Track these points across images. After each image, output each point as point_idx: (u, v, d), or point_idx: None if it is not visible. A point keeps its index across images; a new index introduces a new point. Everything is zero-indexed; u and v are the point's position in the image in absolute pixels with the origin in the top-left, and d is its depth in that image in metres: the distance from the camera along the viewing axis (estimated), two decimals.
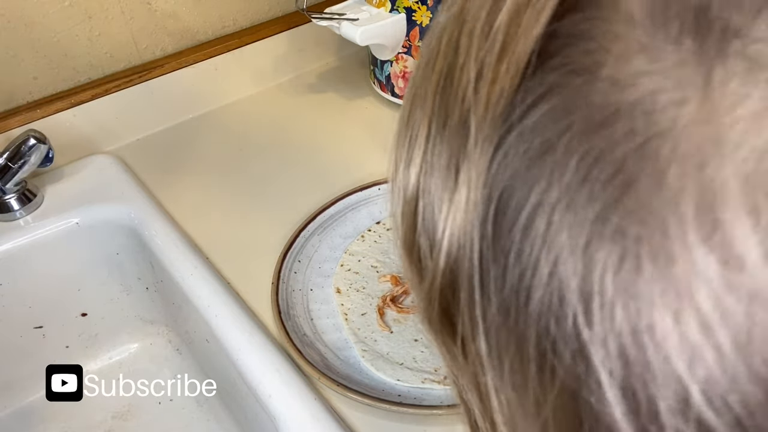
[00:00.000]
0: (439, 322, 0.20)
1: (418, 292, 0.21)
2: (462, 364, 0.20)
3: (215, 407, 0.70)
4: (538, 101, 0.16)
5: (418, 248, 0.20)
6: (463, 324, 0.19)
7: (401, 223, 0.21)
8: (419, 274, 0.21)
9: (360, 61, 0.97)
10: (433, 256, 0.19)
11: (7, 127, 0.73)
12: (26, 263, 0.69)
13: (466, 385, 0.21)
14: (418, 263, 0.20)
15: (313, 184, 0.73)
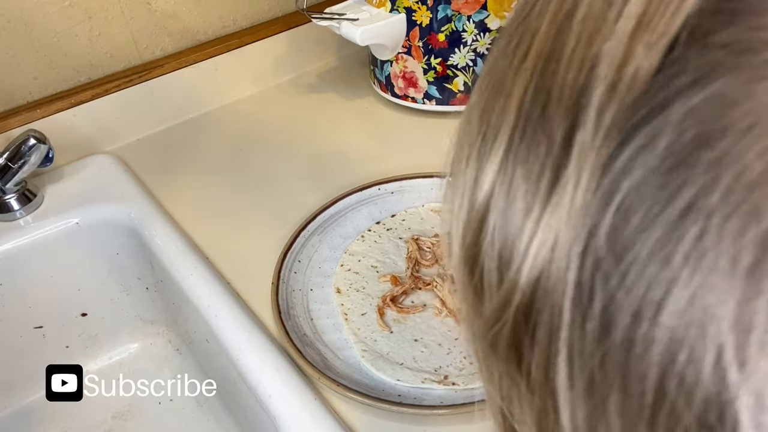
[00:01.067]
0: (505, 346, 0.18)
1: (476, 312, 0.19)
2: (523, 391, 0.18)
3: (215, 407, 0.70)
4: (693, 86, 0.13)
5: (482, 263, 0.18)
6: (535, 350, 0.17)
7: (462, 234, 0.19)
8: (478, 292, 0.19)
9: (360, 61, 0.97)
10: (510, 274, 0.17)
11: (7, 127, 0.73)
12: (26, 263, 0.69)
13: (522, 412, 0.19)
14: (480, 281, 0.18)
15: (313, 184, 0.73)
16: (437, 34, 0.77)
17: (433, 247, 0.64)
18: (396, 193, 0.71)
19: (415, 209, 0.70)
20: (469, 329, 0.20)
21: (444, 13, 0.76)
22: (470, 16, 0.75)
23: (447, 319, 0.58)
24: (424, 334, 0.57)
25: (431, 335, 0.56)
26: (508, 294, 0.17)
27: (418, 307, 0.59)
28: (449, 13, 0.75)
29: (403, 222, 0.68)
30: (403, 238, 0.66)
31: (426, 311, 0.59)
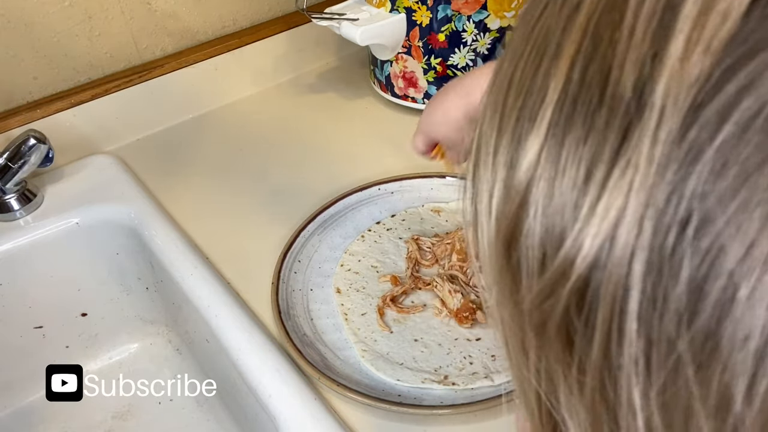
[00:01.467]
0: (555, 326, 0.17)
1: (512, 295, 0.19)
2: (573, 372, 0.18)
3: (215, 407, 0.70)
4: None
5: (523, 244, 0.17)
6: (592, 327, 0.16)
7: (497, 215, 0.18)
8: (516, 275, 0.18)
9: (360, 61, 0.97)
10: (562, 252, 0.16)
11: (7, 127, 0.73)
12: (26, 263, 0.69)
13: (568, 395, 0.18)
14: (518, 263, 0.18)
15: (313, 184, 0.73)
16: (437, 34, 0.77)
17: (433, 247, 0.64)
18: (396, 193, 0.71)
19: (415, 209, 0.70)
20: (502, 312, 0.20)
21: (444, 13, 0.76)
22: (470, 16, 0.75)
23: (447, 319, 0.58)
24: (424, 334, 0.56)
25: (431, 335, 0.56)
26: (560, 273, 0.16)
27: (418, 307, 0.59)
28: (449, 13, 0.75)
29: (403, 222, 0.68)
30: (403, 238, 0.66)
31: (426, 311, 0.59)
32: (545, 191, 0.16)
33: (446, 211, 0.69)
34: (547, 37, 0.17)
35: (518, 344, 0.20)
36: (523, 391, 0.21)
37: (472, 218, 0.20)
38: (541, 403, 0.20)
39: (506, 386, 0.51)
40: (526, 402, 0.21)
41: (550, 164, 0.16)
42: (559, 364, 0.18)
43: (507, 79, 0.19)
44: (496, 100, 0.19)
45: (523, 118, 0.17)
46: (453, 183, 0.70)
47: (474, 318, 0.56)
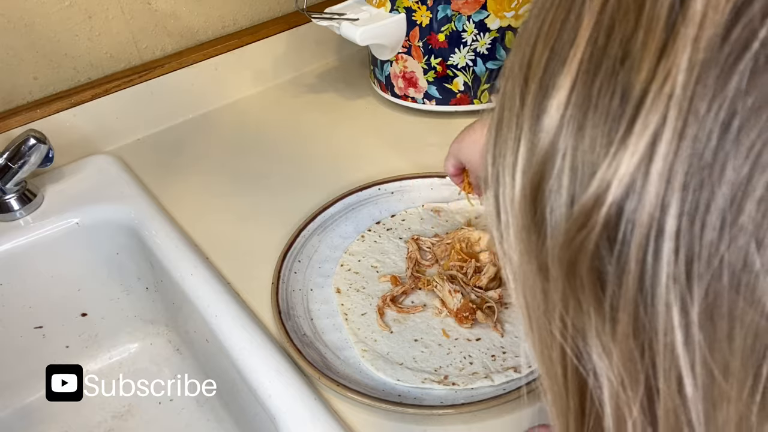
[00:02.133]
0: (587, 270, 0.18)
1: (537, 247, 0.19)
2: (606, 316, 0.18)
3: (215, 407, 0.70)
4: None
5: (549, 194, 0.18)
6: (622, 267, 0.17)
7: (524, 170, 0.19)
8: (540, 227, 0.19)
9: (360, 61, 0.97)
10: (589, 193, 0.17)
11: (7, 127, 0.73)
12: (26, 263, 0.69)
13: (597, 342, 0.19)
14: (542, 216, 0.19)
15: (313, 184, 0.73)
16: (437, 34, 0.77)
17: (433, 247, 0.64)
18: (396, 193, 0.71)
19: (415, 209, 0.70)
20: (525, 270, 0.20)
21: (444, 13, 0.76)
22: (470, 16, 0.75)
23: (447, 319, 0.58)
24: (424, 334, 0.56)
25: (431, 335, 0.56)
26: (592, 205, 0.17)
27: (418, 307, 0.59)
28: (449, 13, 0.75)
29: (403, 222, 0.68)
30: (403, 238, 0.66)
31: (426, 311, 0.59)
32: (575, 130, 0.17)
33: (446, 211, 0.69)
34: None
35: (541, 301, 0.20)
36: (545, 355, 0.22)
37: (494, 183, 0.21)
38: (566, 361, 0.20)
39: (506, 386, 0.51)
40: (549, 368, 0.22)
41: (582, 99, 0.17)
42: (590, 305, 0.18)
43: (533, 34, 0.19)
44: (522, 56, 0.20)
45: (553, 62, 0.18)
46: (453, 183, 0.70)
47: (474, 318, 0.56)
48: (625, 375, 0.18)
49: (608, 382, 0.19)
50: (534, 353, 0.23)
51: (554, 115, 0.18)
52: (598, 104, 0.17)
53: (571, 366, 0.20)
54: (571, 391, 0.21)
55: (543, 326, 0.21)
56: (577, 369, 0.20)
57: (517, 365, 0.52)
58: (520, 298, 0.22)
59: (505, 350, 0.54)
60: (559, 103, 0.18)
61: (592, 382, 0.20)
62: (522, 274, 0.21)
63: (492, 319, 0.56)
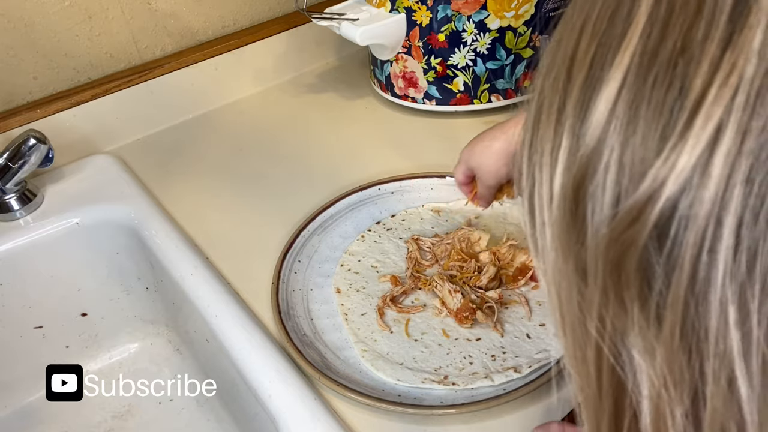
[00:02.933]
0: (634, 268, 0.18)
1: (576, 245, 0.19)
2: (651, 312, 0.18)
3: (215, 407, 0.70)
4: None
5: (592, 192, 0.18)
6: (672, 264, 0.17)
7: (567, 167, 0.19)
8: (581, 227, 0.19)
9: (360, 61, 0.97)
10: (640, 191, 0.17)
11: (7, 127, 0.73)
12: (26, 263, 0.69)
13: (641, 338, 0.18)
14: (584, 214, 0.18)
15: (313, 184, 0.73)
16: (437, 34, 0.77)
17: (433, 247, 0.64)
18: (396, 193, 0.71)
19: (415, 209, 0.70)
20: (562, 268, 0.20)
21: (444, 13, 0.76)
22: (470, 16, 0.75)
23: (447, 319, 0.58)
24: (424, 334, 0.56)
25: (431, 335, 0.56)
26: (644, 202, 0.17)
27: (418, 307, 0.59)
28: (449, 13, 0.75)
29: (403, 222, 0.68)
30: (403, 238, 0.66)
31: (426, 311, 0.59)
32: (625, 124, 0.17)
33: (446, 211, 0.69)
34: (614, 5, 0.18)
35: (577, 299, 0.20)
36: (579, 354, 0.21)
37: (529, 182, 0.21)
38: (602, 361, 0.20)
39: (506, 386, 0.51)
40: (582, 367, 0.21)
41: (634, 93, 0.17)
42: (634, 303, 0.18)
43: (577, 28, 0.19)
44: (564, 51, 0.19)
45: (601, 56, 0.18)
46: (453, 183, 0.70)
47: (474, 318, 0.56)
48: (668, 375, 0.18)
49: (649, 382, 0.19)
50: (566, 353, 0.22)
51: (602, 109, 0.18)
52: (652, 98, 0.17)
53: (607, 365, 0.20)
54: (605, 392, 0.21)
55: (578, 325, 0.21)
56: (614, 368, 0.20)
57: (517, 365, 0.52)
58: (553, 296, 0.22)
59: (505, 350, 0.54)
60: (609, 97, 0.17)
61: (630, 381, 0.19)
62: (557, 273, 0.21)
63: (492, 319, 0.56)
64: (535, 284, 0.60)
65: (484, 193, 0.58)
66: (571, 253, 0.20)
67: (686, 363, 0.17)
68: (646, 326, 0.18)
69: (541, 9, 0.76)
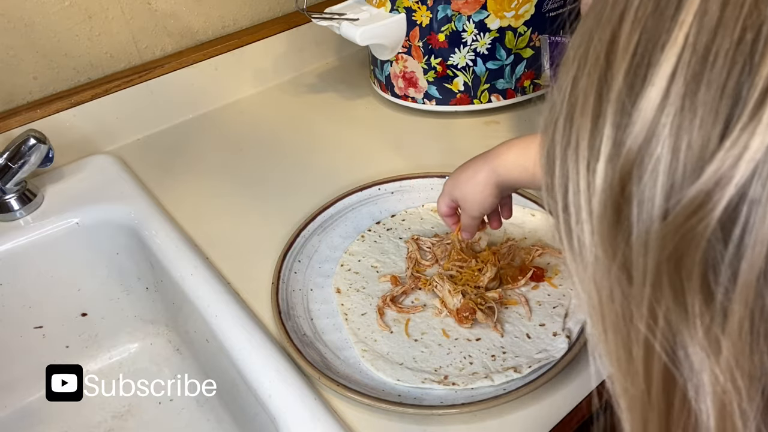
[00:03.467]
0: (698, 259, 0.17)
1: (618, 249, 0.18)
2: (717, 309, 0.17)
3: (215, 407, 0.70)
4: None
5: (641, 186, 0.17)
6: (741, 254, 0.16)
7: (611, 159, 0.18)
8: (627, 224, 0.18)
9: (360, 61, 0.97)
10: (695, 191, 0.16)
11: (7, 127, 0.73)
12: (26, 263, 0.69)
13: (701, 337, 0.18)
14: (629, 210, 0.18)
15: (313, 184, 0.73)
16: (437, 34, 0.77)
17: (433, 247, 0.64)
18: (396, 193, 0.71)
19: (415, 209, 0.70)
20: (602, 261, 0.19)
21: (444, 13, 0.76)
22: (470, 16, 0.75)
23: (447, 319, 0.58)
24: (424, 334, 0.56)
25: (431, 335, 0.56)
26: (702, 202, 0.16)
27: (418, 307, 0.59)
28: (449, 13, 0.75)
29: (403, 222, 0.68)
30: (403, 238, 0.66)
31: (426, 311, 0.59)
32: (680, 109, 0.16)
33: None
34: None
35: (620, 297, 0.19)
36: (623, 355, 0.20)
37: (561, 180, 0.20)
38: (652, 358, 0.19)
39: (506, 386, 0.51)
40: (628, 368, 0.20)
41: (692, 75, 0.16)
42: (695, 296, 0.17)
43: (616, 15, 0.18)
44: (600, 39, 0.19)
45: (648, 40, 0.17)
46: None
47: (474, 318, 0.56)
48: (736, 369, 0.17)
49: (713, 378, 0.18)
50: (608, 354, 0.22)
51: (653, 95, 0.17)
52: (713, 79, 0.16)
53: (657, 362, 0.19)
54: (656, 390, 0.20)
55: (622, 324, 0.20)
56: (665, 365, 0.19)
57: (517, 365, 0.52)
58: (592, 296, 0.21)
59: (505, 350, 0.54)
60: (660, 82, 0.17)
61: (688, 378, 0.19)
62: (597, 271, 0.20)
63: (492, 319, 0.56)
64: (535, 284, 0.60)
65: (469, 224, 0.57)
66: (613, 249, 0.19)
67: (758, 356, 0.17)
68: (710, 320, 0.17)
69: (541, 9, 0.76)
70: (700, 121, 0.16)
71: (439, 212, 0.60)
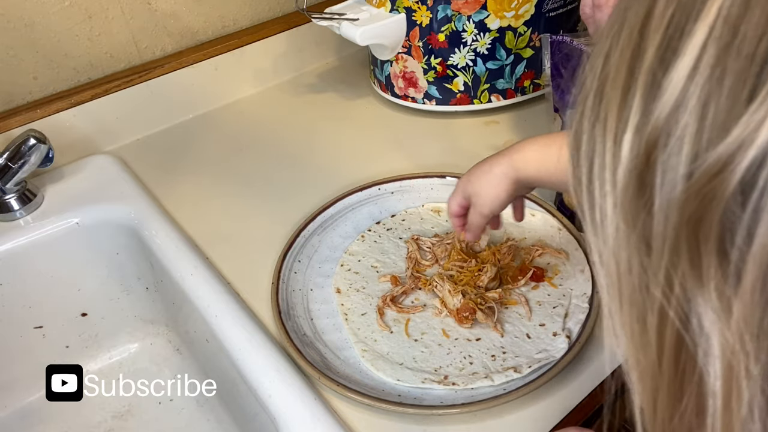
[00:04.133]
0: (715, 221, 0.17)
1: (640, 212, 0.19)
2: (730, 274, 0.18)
3: (215, 407, 0.70)
4: None
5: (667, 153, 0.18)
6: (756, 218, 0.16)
7: (638, 129, 0.19)
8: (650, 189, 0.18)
9: (360, 61, 0.97)
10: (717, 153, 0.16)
11: (7, 127, 0.73)
12: (26, 263, 0.69)
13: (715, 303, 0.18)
14: (653, 175, 0.18)
15: (313, 184, 0.73)
16: (437, 34, 0.77)
17: (433, 247, 0.64)
18: (396, 193, 0.71)
19: (415, 209, 0.70)
20: (622, 229, 0.20)
21: (444, 13, 0.76)
22: (470, 16, 0.75)
23: (447, 319, 0.58)
24: (424, 334, 0.56)
25: (431, 335, 0.56)
26: (724, 164, 0.16)
27: (418, 308, 0.59)
28: (449, 13, 0.75)
29: (403, 222, 0.68)
30: (403, 238, 0.66)
31: (426, 311, 0.59)
32: (710, 77, 0.17)
33: (446, 211, 0.69)
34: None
35: (638, 267, 0.20)
36: (637, 325, 0.21)
37: (588, 152, 0.20)
38: (666, 325, 0.20)
39: (506, 386, 0.51)
40: (641, 338, 0.21)
41: (723, 44, 0.16)
42: (711, 258, 0.18)
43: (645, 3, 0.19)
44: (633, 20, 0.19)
45: (681, 13, 0.18)
46: (453, 183, 0.70)
47: (474, 318, 0.56)
48: (745, 330, 0.18)
49: (722, 340, 0.18)
50: (622, 327, 0.22)
51: (684, 65, 0.17)
52: (743, 49, 0.16)
53: (670, 330, 0.20)
54: (667, 358, 0.21)
55: (638, 294, 0.20)
56: (678, 332, 0.20)
57: (517, 365, 0.52)
58: (611, 269, 0.21)
59: (505, 350, 0.54)
60: (692, 53, 0.17)
61: (698, 342, 0.19)
62: (618, 243, 0.20)
63: (492, 319, 0.56)
64: (535, 284, 0.60)
65: (476, 222, 0.56)
66: (635, 218, 0.19)
67: (767, 317, 0.17)
68: (723, 282, 0.18)
69: (541, 9, 0.76)
70: (727, 88, 0.17)
71: (450, 211, 0.58)
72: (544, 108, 0.82)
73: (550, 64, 0.68)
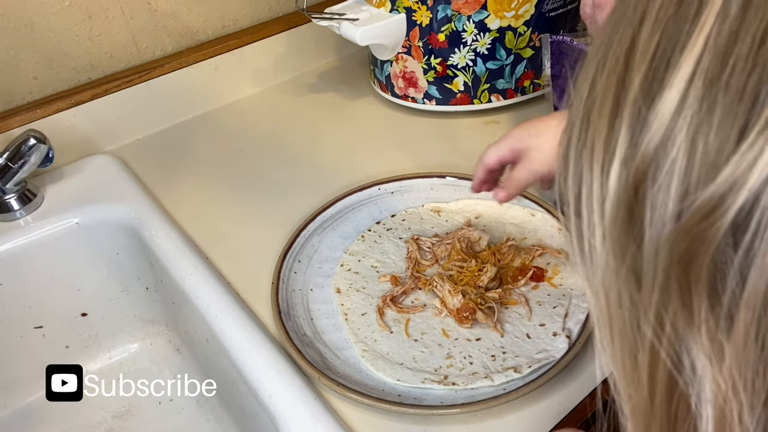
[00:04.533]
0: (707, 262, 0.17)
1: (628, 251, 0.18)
2: (721, 315, 0.17)
3: (215, 407, 0.70)
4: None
5: (655, 189, 0.17)
6: (749, 262, 0.16)
7: (625, 161, 0.18)
8: (639, 225, 0.18)
9: (360, 61, 0.97)
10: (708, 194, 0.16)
11: (7, 127, 0.73)
12: (26, 263, 0.69)
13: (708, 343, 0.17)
14: (642, 212, 0.18)
15: (313, 184, 0.73)
16: (437, 34, 0.77)
17: (433, 247, 0.64)
18: (396, 193, 0.71)
19: (415, 209, 0.70)
20: (612, 265, 0.19)
21: (444, 13, 0.76)
22: (470, 16, 0.75)
23: (447, 319, 0.58)
24: (424, 334, 0.56)
25: (431, 335, 0.56)
26: (715, 206, 0.16)
27: (418, 307, 0.59)
28: (449, 13, 0.75)
29: (403, 222, 0.68)
30: (403, 238, 0.66)
31: (426, 311, 0.59)
32: (697, 112, 0.16)
33: (446, 211, 0.69)
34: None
35: (628, 301, 0.19)
36: (629, 361, 0.20)
37: (575, 182, 0.20)
38: (657, 365, 0.19)
39: (506, 386, 0.51)
40: (633, 374, 0.20)
41: (710, 79, 0.16)
42: (702, 301, 0.17)
43: (636, 18, 0.18)
44: (619, 42, 0.19)
45: (667, 42, 0.17)
46: (453, 183, 0.70)
47: (474, 318, 0.56)
48: (738, 377, 0.17)
49: (714, 386, 0.18)
50: (613, 361, 0.21)
51: (671, 98, 0.17)
52: (731, 83, 0.16)
53: (662, 369, 0.19)
54: (659, 397, 0.20)
55: (629, 330, 0.20)
56: (670, 372, 0.19)
57: (517, 365, 0.52)
58: (601, 301, 0.21)
59: (505, 350, 0.54)
60: (679, 85, 0.17)
61: (690, 385, 0.18)
62: (607, 276, 0.20)
63: (492, 319, 0.56)
64: (535, 284, 0.60)
65: (523, 179, 0.50)
66: (624, 252, 0.19)
67: (760, 364, 0.17)
68: (715, 326, 0.17)
69: (541, 9, 0.76)
70: (717, 125, 0.16)
71: (485, 162, 0.52)
72: (544, 108, 0.82)
73: (550, 64, 0.68)
